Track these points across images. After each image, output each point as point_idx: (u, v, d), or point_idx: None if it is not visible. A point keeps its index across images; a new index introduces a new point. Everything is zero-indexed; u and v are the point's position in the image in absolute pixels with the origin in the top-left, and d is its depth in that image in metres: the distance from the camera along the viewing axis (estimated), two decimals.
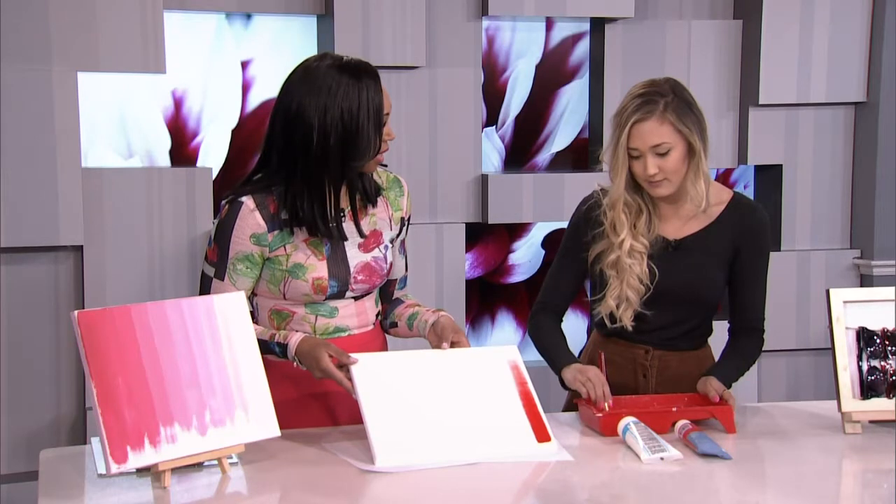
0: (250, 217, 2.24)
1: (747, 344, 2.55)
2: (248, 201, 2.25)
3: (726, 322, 2.60)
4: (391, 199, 2.40)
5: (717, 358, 2.58)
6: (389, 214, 2.39)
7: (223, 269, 2.28)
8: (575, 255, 2.53)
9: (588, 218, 2.51)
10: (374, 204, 2.35)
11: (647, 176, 2.40)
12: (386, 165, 2.39)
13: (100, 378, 1.87)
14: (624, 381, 2.51)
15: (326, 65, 2.22)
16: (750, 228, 2.49)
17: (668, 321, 2.50)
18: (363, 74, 2.22)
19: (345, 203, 2.32)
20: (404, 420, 2.10)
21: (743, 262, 2.50)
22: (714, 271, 2.49)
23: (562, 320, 2.60)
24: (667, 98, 2.38)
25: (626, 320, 2.47)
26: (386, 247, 2.38)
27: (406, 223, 2.45)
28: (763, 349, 2.60)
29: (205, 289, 2.31)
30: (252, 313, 2.38)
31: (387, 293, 2.48)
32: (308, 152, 2.20)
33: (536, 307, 2.61)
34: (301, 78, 2.24)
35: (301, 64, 2.29)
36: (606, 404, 2.32)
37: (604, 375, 2.36)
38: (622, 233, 2.44)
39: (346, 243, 2.32)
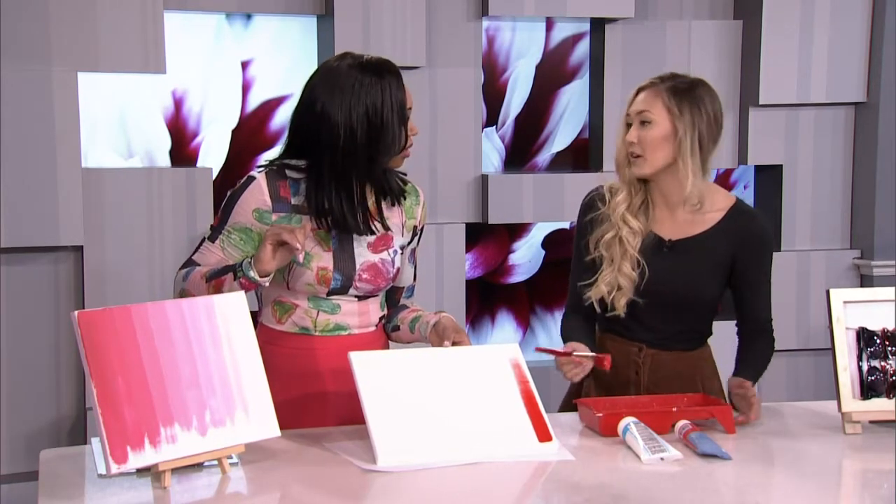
0: (259, 192, 2.28)
1: (760, 346, 2.54)
2: (260, 178, 2.30)
3: (728, 322, 2.60)
4: (406, 206, 2.41)
5: (717, 359, 2.58)
6: (402, 221, 2.40)
7: (217, 233, 2.31)
8: (586, 251, 2.53)
9: (590, 206, 2.53)
10: (399, 202, 2.38)
11: (627, 144, 2.42)
12: (405, 174, 2.41)
13: (100, 378, 1.87)
14: (618, 376, 2.50)
15: (347, 64, 2.26)
16: (750, 237, 2.48)
17: (659, 321, 2.49)
18: (385, 72, 2.26)
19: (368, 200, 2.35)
20: (406, 419, 2.10)
21: (744, 270, 2.49)
22: (707, 277, 2.48)
23: (594, 319, 2.59)
24: (676, 82, 2.40)
25: (620, 308, 2.46)
26: (395, 251, 2.38)
27: (419, 233, 2.46)
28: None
29: (195, 250, 2.33)
30: (258, 302, 2.40)
31: (393, 299, 2.48)
32: (335, 150, 2.23)
33: (565, 311, 2.62)
34: (323, 78, 2.27)
35: (322, 65, 2.35)
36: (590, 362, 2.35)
37: (572, 346, 2.38)
38: (618, 197, 2.46)
39: (354, 240, 2.32)
